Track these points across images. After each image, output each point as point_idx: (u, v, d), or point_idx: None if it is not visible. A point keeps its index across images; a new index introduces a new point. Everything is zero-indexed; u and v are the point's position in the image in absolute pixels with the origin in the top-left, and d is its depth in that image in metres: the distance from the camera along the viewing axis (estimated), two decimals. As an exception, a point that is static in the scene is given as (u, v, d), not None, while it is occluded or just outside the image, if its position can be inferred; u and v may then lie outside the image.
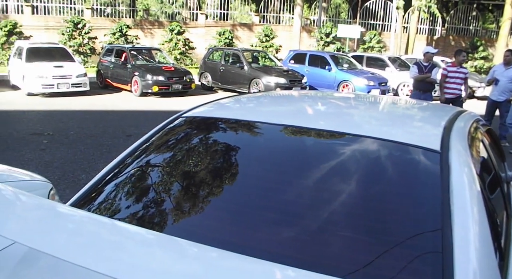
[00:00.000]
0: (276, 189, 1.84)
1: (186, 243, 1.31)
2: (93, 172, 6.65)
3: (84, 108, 12.58)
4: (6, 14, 24.55)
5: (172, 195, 1.94)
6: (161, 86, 14.86)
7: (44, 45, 16.89)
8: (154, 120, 11.11)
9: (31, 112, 11.84)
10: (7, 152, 7.71)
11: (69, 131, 9.52)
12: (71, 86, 14.40)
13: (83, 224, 1.48)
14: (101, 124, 10.47)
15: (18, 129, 9.71)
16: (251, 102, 2.81)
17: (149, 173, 2.11)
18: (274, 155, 2.05)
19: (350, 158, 1.95)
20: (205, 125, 2.36)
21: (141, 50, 18.01)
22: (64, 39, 22.85)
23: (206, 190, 1.93)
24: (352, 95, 3.15)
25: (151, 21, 26.96)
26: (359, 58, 19.87)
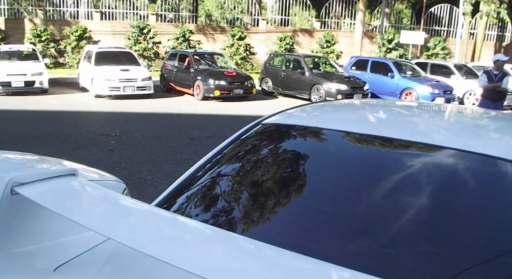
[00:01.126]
0: (357, 199, 1.81)
1: (270, 247, 1.31)
2: (159, 174, 6.84)
3: (149, 110, 12.92)
4: (77, 20, 25.66)
5: (254, 200, 1.95)
6: (222, 90, 15.06)
7: (112, 49, 17.54)
8: (216, 124, 11.35)
9: (99, 113, 12.29)
10: (78, 151, 8.02)
11: (135, 132, 9.80)
12: (136, 89, 14.84)
13: (170, 224, 1.50)
14: (165, 127, 10.72)
15: (88, 130, 10.10)
16: (332, 110, 2.78)
17: (230, 178, 2.13)
18: (356, 164, 2.02)
19: (429, 169, 1.89)
20: (285, 132, 2.35)
21: (204, 55, 18.34)
22: (130, 44, 23.59)
23: (287, 197, 1.93)
24: (422, 104, 3.06)
25: (213, 27, 27.40)
26: (423, 65, 19.36)
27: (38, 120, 11.12)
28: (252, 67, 25.15)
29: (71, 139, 9.06)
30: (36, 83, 14.99)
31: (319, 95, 15.69)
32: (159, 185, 6.29)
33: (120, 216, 1.48)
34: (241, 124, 9.37)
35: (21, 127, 10.30)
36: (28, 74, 14.89)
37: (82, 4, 26.72)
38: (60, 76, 19.62)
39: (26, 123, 10.74)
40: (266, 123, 2.39)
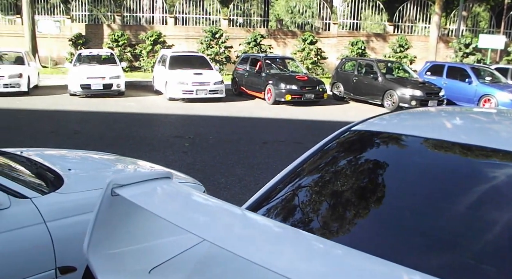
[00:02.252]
0: (450, 210, 1.72)
1: (357, 253, 1.26)
2: (232, 177, 6.86)
3: (221, 114, 13.07)
4: (152, 25, 26.50)
5: (346, 207, 1.91)
6: (294, 95, 15.00)
7: (185, 53, 17.96)
8: (287, 128, 11.31)
9: (173, 116, 12.56)
10: (152, 153, 8.21)
11: (208, 135, 9.93)
12: (208, 93, 15.08)
13: (262, 228, 1.48)
14: (237, 130, 10.80)
15: (162, 132, 10.35)
16: (425, 117, 2.65)
17: (321, 185, 2.09)
18: (449, 173, 1.91)
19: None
20: (375, 139, 2.28)
21: (275, 59, 18.38)
22: (203, 48, 24.05)
23: (377, 205, 1.87)
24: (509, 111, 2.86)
25: (284, 31, 27.44)
26: (503, 70, 18.42)
27: (115, 122, 11.52)
28: (323, 71, 24.95)
29: (146, 140, 9.30)
30: (114, 86, 15.57)
31: (392, 101, 15.29)
32: (232, 188, 6.32)
33: (214, 219, 1.49)
34: (313, 129, 9.46)
35: (99, 128, 10.71)
36: (106, 77, 15.49)
37: (157, 10, 27.56)
38: (135, 79, 20.29)
39: (104, 124, 11.15)
40: (355, 129, 2.32)
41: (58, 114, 12.50)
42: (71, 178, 3.11)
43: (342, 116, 13.23)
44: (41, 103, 14.04)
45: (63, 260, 2.72)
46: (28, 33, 23.95)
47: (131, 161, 4.23)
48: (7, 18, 28.47)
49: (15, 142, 8.42)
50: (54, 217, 2.70)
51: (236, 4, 28.16)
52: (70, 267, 2.78)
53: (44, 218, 2.65)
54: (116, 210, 1.51)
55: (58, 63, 25.31)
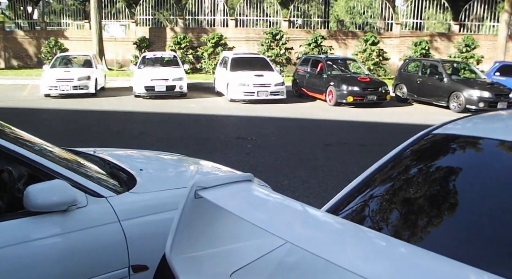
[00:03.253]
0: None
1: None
2: (295, 179, 6.81)
3: (282, 115, 13.05)
4: (213, 27, 26.86)
5: (428, 212, 1.84)
6: (356, 96, 14.77)
7: (247, 55, 18.10)
8: (350, 130, 11.14)
9: (234, 117, 12.66)
10: (215, 154, 8.28)
11: (270, 137, 9.92)
12: (269, 94, 15.09)
13: (344, 230, 1.45)
14: (298, 132, 10.74)
15: (224, 133, 10.44)
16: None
17: (402, 188, 2.02)
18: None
19: None
20: (459, 143, 2.17)
21: (337, 60, 18.19)
22: (263, 50, 24.13)
23: (460, 211, 1.77)
24: None
25: (345, 32, 27.10)
26: None
27: (178, 123, 11.74)
28: (385, 73, 24.45)
29: (209, 141, 9.41)
30: (176, 88, 15.88)
31: (459, 103, 14.75)
32: (296, 191, 6.26)
33: (296, 221, 1.47)
34: (376, 131, 9.23)
35: (163, 128, 10.93)
36: (169, 79, 15.83)
37: (218, 13, 27.93)
38: (197, 81, 20.62)
39: (167, 125, 11.38)
40: (437, 133, 2.22)
41: (124, 115, 12.88)
42: (143, 178, 3.15)
43: (406, 118, 12.90)
44: (107, 104, 14.52)
45: (136, 258, 2.76)
46: (95, 37, 24.86)
47: (195, 162, 4.26)
48: (76, 23, 29.70)
49: (85, 142, 8.72)
50: (128, 216, 2.74)
51: (296, 6, 28.08)
52: (143, 266, 2.82)
53: (118, 217, 2.70)
54: (199, 213, 1.50)
55: (123, 66, 26.14)
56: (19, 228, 2.40)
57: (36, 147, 2.87)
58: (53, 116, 12.63)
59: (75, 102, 14.79)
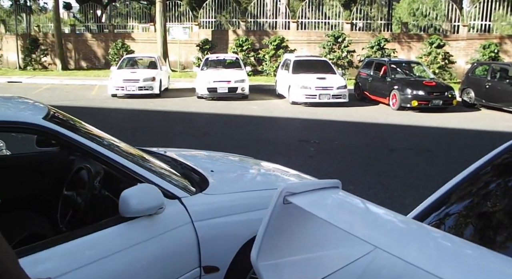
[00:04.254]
0: None
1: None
2: (361, 185, 6.68)
3: (344, 119, 12.88)
4: (275, 30, 26.92)
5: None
6: (420, 101, 14.37)
7: (309, 58, 18.00)
8: (414, 135, 10.85)
9: (296, 120, 12.63)
10: (278, 157, 8.25)
11: (333, 140, 9.82)
12: (331, 97, 14.94)
13: (433, 238, 1.40)
14: (361, 136, 10.56)
15: (286, 135, 10.42)
16: None
17: (491, 198, 1.92)
18: None
19: None
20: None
21: (401, 63, 17.78)
22: (325, 52, 23.95)
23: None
24: None
25: (409, 34, 26.46)
26: None
27: (240, 124, 11.83)
28: (450, 76, 23.66)
29: (272, 144, 9.41)
30: (238, 90, 16.02)
31: (532, 109, 14.07)
32: (362, 197, 6.13)
33: (385, 228, 1.46)
34: (443, 137, 8.90)
35: (226, 129, 11.04)
36: (231, 81, 15.98)
37: (280, 15, 27.96)
38: (258, 83, 20.72)
39: (230, 126, 11.49)
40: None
41: (187, 116, 13.11)
42: (215, 180, 3.17)
43: (474, 124, 12.42)
44: (171, 105, 14.84)
45: (207, 259, 2.77)
46: (160, 39, 25.50)
47: (262, 164, 4.25)
48: (141, 26, 30.59)
49: (151, 141, 8.93)
50: (201, 217, 2.75)
51: (358, 8, 27.69)
52: (214, 267, 2.83)
53: (192, 218, 2.72)
54: (287, 218, 1.48)
55: (186, 67, 26.66)
56: (119, 235, 2.42)
57: (119, 149, 2.92)
58: (120, 116, 13.03)
59: (140, 102, 15.21)
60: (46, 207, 3.51)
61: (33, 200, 3.63)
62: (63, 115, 3.03)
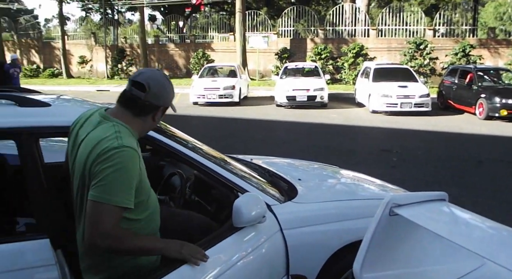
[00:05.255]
0: None
1: None
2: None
3: (427, 128, 12.47)
4: (353, 38, 26.61)
5: None
6: (510, 110, 13.61)
7: (390, 65, 17.65)
8: (504, 147, 10.29)
9: (377, 129, 12.37)
10: (359, 166, 8.10)
11: (416, 150, 9.52)
12: (413, 106, 14.51)
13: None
14: (446, 146, 10.18)
15: (367, 145, 10.24)
16: None
17: None
18: None
19: None
20: None
21: (488, 70, 17.00)
22: (406, 60, 23.35)
23: None
24: None
25: (497, 40, 25.25)
26: None
27: (320, 132, 11.76)
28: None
29: (352, 152, 9.28)
30: (317, 98, 15.94)
31: None
32: (449, 209, 5.91)
33: (496, 240, 1.42)
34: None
35: (305, 137, 11.03)
36: (310, 89, 15.94)
37: (359, 23, 27.62)
38: (336, 91, 20.53)
39: (309, 134, 11.47)
40: None
41: (267, 124, 13.21)
42: (303, 188, 3.16)
43: None
44: (250, 113, 15.03)
45: (295, 268, 2.76)
46: (239, 48, 25.92)
47: (348, 173, 4.20)
48: (220, 36, 31.26)
49: (232, 148, 9.06)
50: (290, 226, 2.73)
51: (441, 13, 26.76)
52: (301, 276, 2.81)
53: (281, 226, 2.72)
54: (394, 230, 1.46)
55: (264, 76, 26.93)
56: (233, 245, 2.46)
57: (211, 156, 2.97)
58: (201, 123, 13.38)
59: (221, 110, 15.53)
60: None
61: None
62: (158, 122, 3.15)
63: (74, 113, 2.72)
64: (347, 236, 2.84)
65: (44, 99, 2.65)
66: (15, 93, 2.83)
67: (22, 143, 2.35)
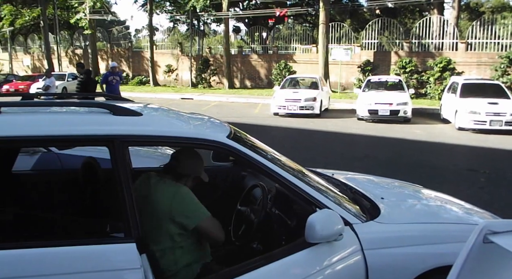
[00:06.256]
0: None
1: None
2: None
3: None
4: (440, 51, 25.75)
5: None
6: None
7: (479, 81, 16.89)
8: None
9: (463, 147, 11.86)
10: (444, 185, 7.78)
11: (506, 171, 9.01)
12: (504, 124, 13.72)
13: None
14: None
15: (453, 163, 9.83)
16: None
17: None
18: None
19: None
20: None
21: None
22: (497, 75, 22.25)
23: None
24: None
25: None
26: None
27: (402, 148, 11.45)
28: None
29: (437, 171, 8.94)
30: (400, 112, 15.55)
31: None
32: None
33: None
34: None
35: (386, 153, 10.78)
36: (393, 103, 15.58)
37: (447, 36, 26.68)
38: (420, 106, 19.92)
39: (391, 150, 11.19)
40: None
41: (347, 137, 13.06)
42: (386, 208, 3.08)
43: None
44: (331, 125, 14.93)
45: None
46: (321, 60, 25.87)
47: (433, 194, 4.04)
48: (303, 47, 31.34)
49: (311, 161, 9.00)
50: (372, 246, 2.67)
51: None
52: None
53: (362, 246, 2.66)
54: (487, 260, 1.39)
55: (345, 88, 26.68)
56: (305, 261, 2.50)
57: (292, 170, 2.98)
58: (281, 134, 13.44)
59: (301, 122, 15.54)
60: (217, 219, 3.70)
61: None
62: (242, 134, 3.20)
63: (162, 123, 2.86)
64: (431, 261, 2.74)
65: (135, 108, 2.77)
66: (109, 102, 3.00)
67: (114, 149, 2.47)
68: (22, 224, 3.13)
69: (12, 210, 3.32)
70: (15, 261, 2.22)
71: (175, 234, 2.75)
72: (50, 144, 4.02)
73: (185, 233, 2.79)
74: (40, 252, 2.27)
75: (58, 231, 3.04)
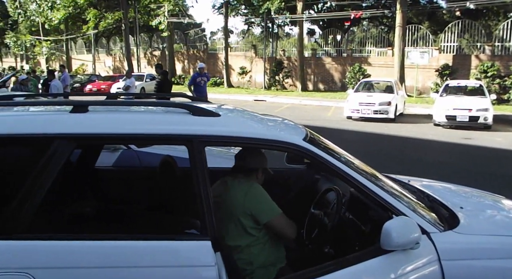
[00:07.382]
0: None
1: None
2: None
3: None
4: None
5: None
6: None
7: None
8: None
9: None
10: None
11: None
12: None
13: None
14: None
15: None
16: None
17: None
18: None
19: None
20: None
21: None
22: None
23: None
24: None
25: None
26: None
27: (481, 156, 11.00)
28: None
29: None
30: (480, 119, 14.91)
31: None
32: None
33: None
34: None
35: (463, 160, 10.41)
36: (473, 109, 14.97)
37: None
38: (502, 113, 18.99)
39: (469, 157, 10.79)
40: None
41: (422, 143, 12.71)
42: (465, 218, 2.99)
43: None
44: (406, 131, 14.57)
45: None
46: (397, 63, 25.30)
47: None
48: (378, 50, 30.77)
49: (384, 167, 8.80)
50: (450, 257, 2.59)
51: None
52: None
53: (439, 256, 2.60)
54: None
55: (422, 93, 25.93)
56: (379, 268, 2.50)
57: (368, 174, 2.94)
58: (354, 138, 13.29)
59: (375, 126, 15.28)
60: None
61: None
62: (317, 137, 3.21)
63: (239, 124, 2.93)
64: (511, 276, 2.65)
65: (213, 109, 2.86)
66: (188, 103, 3.11)
67: (193, 149, 2.55)
68: (102, 217, 3.29)
69: (93, 204, 3.52)
70: (96, 252, 2.33)
71: (249, 228, 2.91)
72: (131, 142, 4.23)
73: (258, 227, 2.92)
74: (120, 245, 2.38)
75: (136, 225, 3.17)
